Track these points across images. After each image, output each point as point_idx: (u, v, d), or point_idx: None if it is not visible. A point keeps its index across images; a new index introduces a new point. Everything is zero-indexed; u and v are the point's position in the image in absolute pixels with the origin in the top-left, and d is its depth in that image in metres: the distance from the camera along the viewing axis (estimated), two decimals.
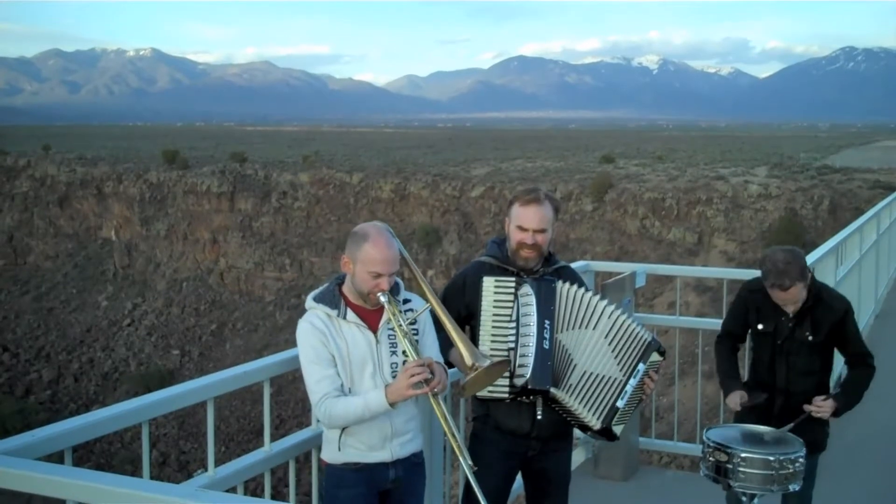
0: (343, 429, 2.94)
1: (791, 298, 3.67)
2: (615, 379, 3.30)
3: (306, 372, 2.91)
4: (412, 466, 3.08)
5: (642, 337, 3.33)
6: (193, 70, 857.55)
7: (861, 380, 3.81)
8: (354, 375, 2.92)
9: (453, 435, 2.90)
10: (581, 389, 3.29)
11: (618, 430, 3.36)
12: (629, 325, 3.33)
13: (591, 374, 3.29)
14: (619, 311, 3.35)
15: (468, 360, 2.94)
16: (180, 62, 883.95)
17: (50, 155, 52.38)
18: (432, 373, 2.83)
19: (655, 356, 3.34)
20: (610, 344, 3.31)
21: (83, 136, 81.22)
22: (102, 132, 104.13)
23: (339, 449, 2.97)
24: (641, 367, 3.31)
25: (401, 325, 2.92)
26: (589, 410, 3.29)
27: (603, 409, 3.30)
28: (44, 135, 77.18)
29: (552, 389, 3.25)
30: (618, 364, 3.31)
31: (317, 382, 2.88)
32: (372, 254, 2.91)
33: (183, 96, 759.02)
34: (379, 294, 2.92)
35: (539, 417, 3.34)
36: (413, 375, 2.79)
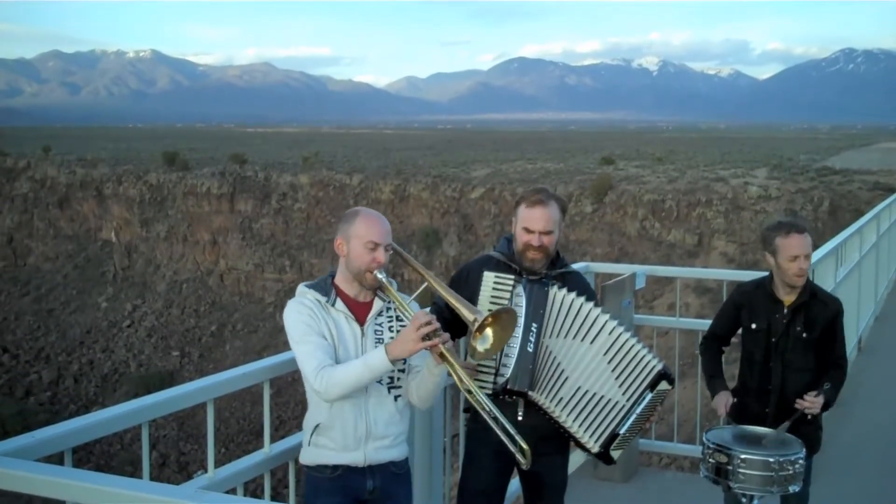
0: (316, 425, 2.89)
1: (806, 248, 3.70)
2: (618, 403, 3.25)
3: (299, 344, 2.83)
4: (392, 476, 2.98)
5: (651, 364, 3.27)
6: (193, 71, 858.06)
7: (840, 382, 3.83)
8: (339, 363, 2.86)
9: (469, 391, 2.87)
10: (575, 406, 3.25)
11: (616, 455, 3.32)
12: (633, 347, 3.26)
13: (588, 392, 3.25)
14: (621, 329, 3.28)
15: (469, 316, 2.78)
16: (180, 63, 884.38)
17: (50, 156, 52.40)
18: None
19: (664, 385, 3.29)
20: (610, 363, 3.25)
21: (83, 138, 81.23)
22: (102, 133, 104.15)
23: (309, 445, 2.92)
24: (649, 395, 3.26)
25: (400, 299, 2.90)
26: (586, 431, 3.25)
27: (602, 433, 3.26)
28: (44, 136, 77.19)
29: (530, 392, 3.23)
30: (619, 387, 3.25)
31: (311, 353, 2.79)
32: (365, 225, 2.89)
33: (183, 98, 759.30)
34: (376, 272, 2.88)
35: (520, 419, 3.31)
36: (422, 326, 2.68)
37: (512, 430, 2.86)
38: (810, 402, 3.61)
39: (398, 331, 2.95)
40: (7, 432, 26.16)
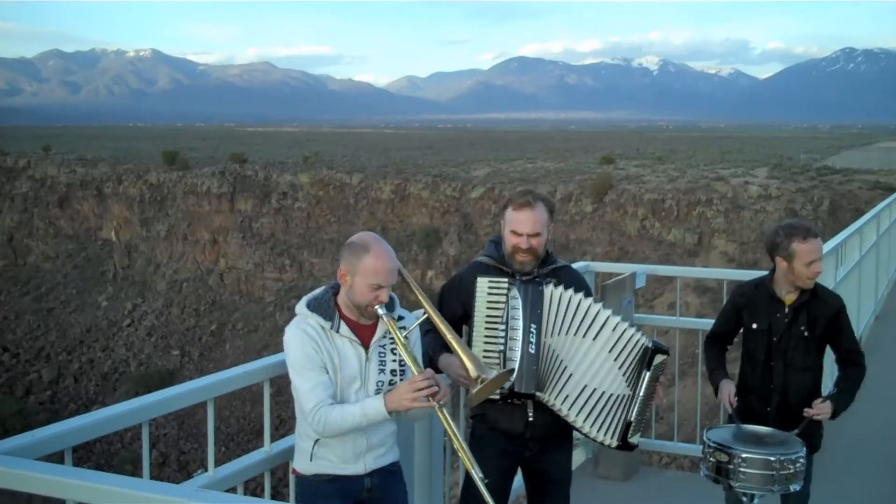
0: (316, 440, 2.88)
1: (821, 251, 3.76)
2: (623, 395, 3.28)
3: (298, 378, 2.83)
4: (388, 475, 3.01)
5: (640, 342, 3.28)
6: (193, 71, 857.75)
7: (855, 379, 3.81)
8: (343, 390, 2.86)
9: (462, 447, 2.84)
10: (584, 405, 3.27)
11: (635, 440, 3.35)
12: (626, 332, 3.28)
13: (593, 388, 3.26)
14: (625, 325, 3.29)
15: (473, 373, 2.89)
16: (180, 63, 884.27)
17: (50, 156, 52.42)
18: (437, 385, 2.77)
19: (659, 357, 3.30)
20: (616, 359, 3.27)
21: (83, 137, 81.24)
22: (102, 133, 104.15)
23: (311, 459, 2.90)
24: (647, 374, 3.28)
25: (401, 337, 2.87)
26: (599, 430, 3.28)
27: (616, 427, 3.29)
28: (44, 135, 77.20)
29: (537, 393, 3.25)
30: (625, 378, 3.28)
31: (311, 390, 2.80)
32: (373, 265, 2.82)
33: (183, 97, 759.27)
34: (377, 307, 2.85)
35: (531, 419, 3.34)
36: (419, 389, 2.72)
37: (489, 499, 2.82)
38: (818, 410, 3.61)
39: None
40: (7, 431, 26.17)
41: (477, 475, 2.80)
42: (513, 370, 3.18)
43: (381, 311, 2.85)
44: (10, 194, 49.20)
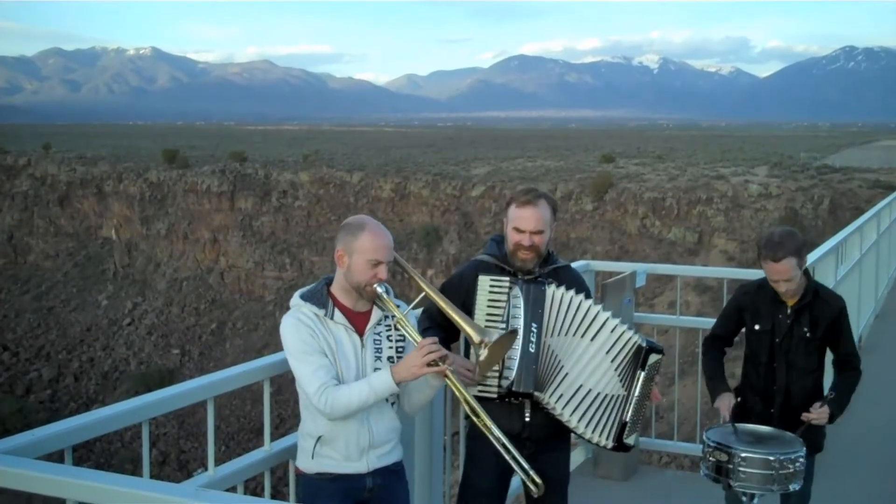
0: (318, 437, 2.87)
1: (783, 274, 3.62)
2: (619, 395, 3.27)
3: (299, 363, 2.82)
4: (391, 474, 3.00)
5: (634, 342, 3.27)
6: (193, 69, 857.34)
7: (851, 384, 3.80)
8: (341, 376, 2.85)
9: (474, 411, 2.84)
10: (579, 406, 3.26)
11: (631, 440, 3.34)
12: (624, 334, 3.27)
13: (589, 389, 3.26)
14: (623, 326, 3.29)
15: (476, 338, 2.86)
16: (180, 61, 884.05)
17: (50, 154, 52.45)
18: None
19: (654, 357, 3.29)
20: (613, 361, 3.26)
21: (83, 136, 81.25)
22: (103, 131, 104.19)
23: (313, 458, 2.89)
24: (641, 374, 3.27)
25: (401, 313, 2.88)
26: (594, 431, 3.27)
27: (611, 428, 3.28)
28: (44, 134, 77.24)
29: (536, 393, 3.24)
30: (619, 379, 3.27)
31: (312, 373, 2.78)
32: (371, 242, 2.84)
33: (183, 95, 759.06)
34: (376, 284, 2.86)
35: (528, 419, 3.33)
36: (429, 353, 2.70)
37: (522, 461, 2.86)
38: (816, 415, 3.59)
39: (397, 340, 2.95)
40: (7, 430, 26.17)
41: (494, 435, 2.85)
42: (516, 330, 3.14)
43: (380, 290, 2.87)
44: (10, 193, 49.23)
